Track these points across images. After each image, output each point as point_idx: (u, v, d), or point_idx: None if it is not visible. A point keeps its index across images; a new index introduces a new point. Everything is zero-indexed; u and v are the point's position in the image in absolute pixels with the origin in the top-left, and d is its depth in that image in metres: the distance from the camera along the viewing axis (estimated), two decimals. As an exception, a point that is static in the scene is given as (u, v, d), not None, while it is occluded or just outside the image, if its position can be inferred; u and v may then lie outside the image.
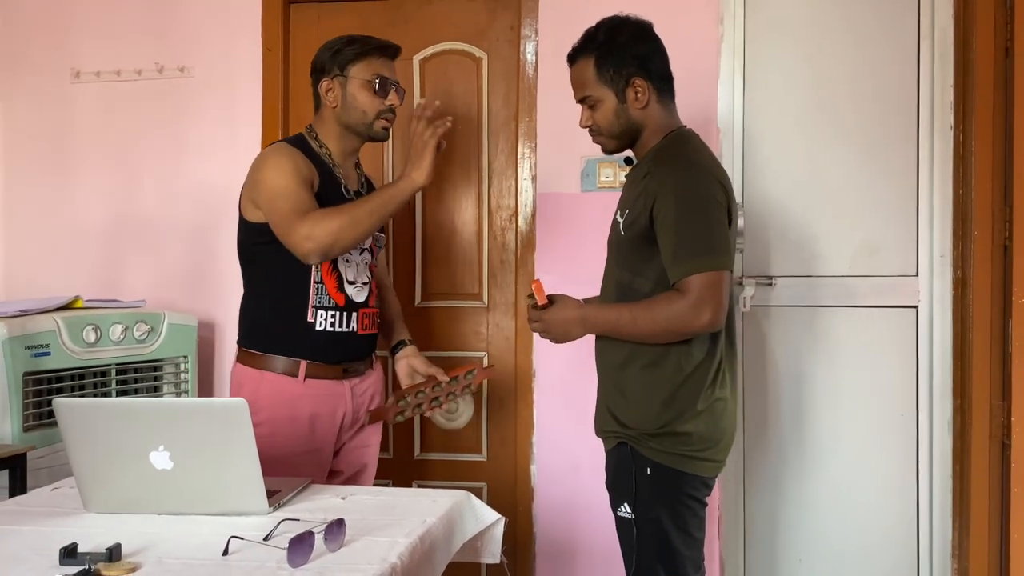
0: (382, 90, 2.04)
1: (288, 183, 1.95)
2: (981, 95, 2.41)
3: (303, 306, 2.02)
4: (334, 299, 2.04)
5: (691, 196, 1.71)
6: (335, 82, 2.05)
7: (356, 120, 2.06)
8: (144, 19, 2.96)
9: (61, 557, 1.30)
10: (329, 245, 1.90)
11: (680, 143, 1.81)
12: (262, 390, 2.01)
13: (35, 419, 2.36)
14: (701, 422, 1.76)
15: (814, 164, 2.61)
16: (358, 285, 2.08)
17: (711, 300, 1.66)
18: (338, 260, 2.04)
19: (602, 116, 1.84)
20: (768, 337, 2.65)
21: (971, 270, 2.45)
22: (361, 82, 2.04)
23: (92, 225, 3.00)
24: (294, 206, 1.92)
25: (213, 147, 2.92)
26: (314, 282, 2.02)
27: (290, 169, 1.97)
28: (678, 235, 1.69)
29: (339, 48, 2.06)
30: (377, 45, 2.07)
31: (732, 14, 2.61)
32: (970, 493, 2.45)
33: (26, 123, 3.04)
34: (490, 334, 2.83)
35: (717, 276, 1.67)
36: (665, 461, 1.75)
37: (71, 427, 1.52)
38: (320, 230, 1.88)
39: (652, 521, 1.77)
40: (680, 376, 1.75)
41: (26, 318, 2.37)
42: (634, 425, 1.78)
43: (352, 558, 1.34)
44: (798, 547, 2.65)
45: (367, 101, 2.04)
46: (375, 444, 2.23)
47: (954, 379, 2.52)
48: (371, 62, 2.04)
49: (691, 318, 1.67)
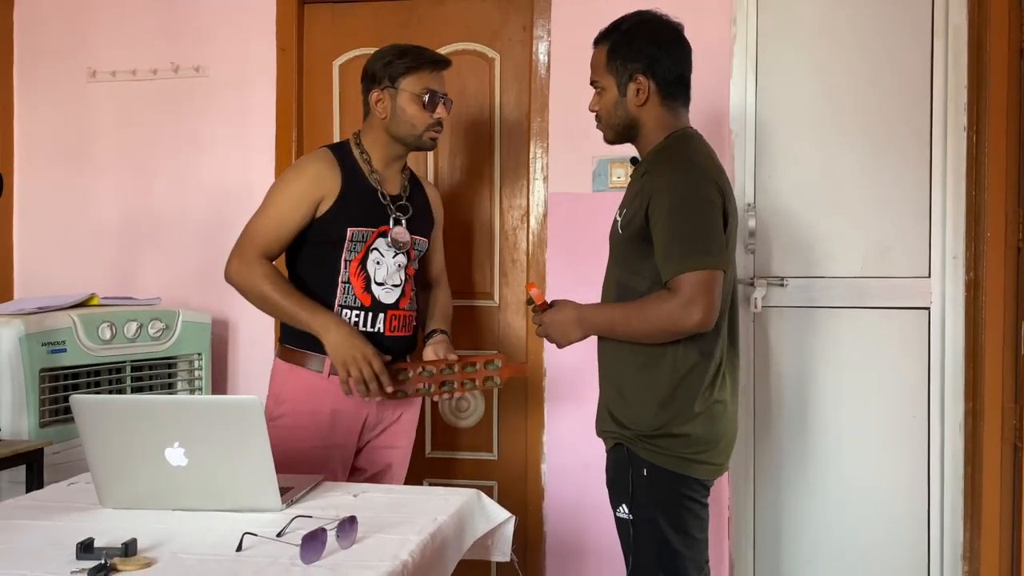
0: (431, 104, 2.07)
1: (278, 207, 2.05)
2: (995, 96, 2.40)
3: (330, 304, 2.06)
4: (360, 299, 2.07)
5: (685, 195, 1.70)
6: (385, 93, 2.08)
7: (405, 132, 2.10)
8: (160, 19, 2.98)
9: (78, 551, 1.32)
10: (238, 288, 2.06)
11: (679, 143, 1.80)
12: (288, 384, 2.08)
13: (51, 415, 2.38)
14: (698, 424, 1.75)
15: (826, 164, 2.61)
16: (387, 287, 2.10)
17: (701, 299, 1.65)
18: (367, 260, 2.08)
19: (604, 104, 1.86)
20: (779, 338, 2.64)
21: (984, 272, 2.44)
22: (411, 95, 2.07)
23: (108, 223, 3.02)
24: (258, 231, 2.05)
25: (227, 146, 2.94)
26: (342, 281, 2.07)
27: (293, 192, 2.06)
28: (671, 234, 1.68)
29: (391, 60, 2.08)
30: (429, 59, 2.09)
31: (745, 15, 2.61)
32: (982, 495, 2.44)
33: (42, 122, 3.07)
34: (501, 333, 2.84)
35: (709, 275, 1.66)
36: (662, 463, 1.74)
37: (88, 423, 1.54)
38: (240, 276, 2.04)
39: (649, 522, 1.76)
40: (676, 377, 1.74)
41: (43, 315, 2.40)
42: (631, 426, 1.78)
43: (364, 555, 1.36)
44: (808, 548, 2.64)
45: (416, 114, 2.07)
46: (404, 447, 2.23)
47: (966, 381, 2.51)
48: (422, 76, 2.07)
49: (681, 317, 1.66)
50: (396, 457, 2.22)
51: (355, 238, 2.06)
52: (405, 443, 2.23)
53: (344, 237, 2.06)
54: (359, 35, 2.88)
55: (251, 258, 2.03)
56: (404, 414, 2.20)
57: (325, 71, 2.91)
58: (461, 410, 2.88)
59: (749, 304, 2.59)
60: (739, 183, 2.61)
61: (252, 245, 2.04)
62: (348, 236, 2.06)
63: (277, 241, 2.06)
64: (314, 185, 2.06)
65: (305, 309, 2.00)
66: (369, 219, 2.08)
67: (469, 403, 2.87)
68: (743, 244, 2.59)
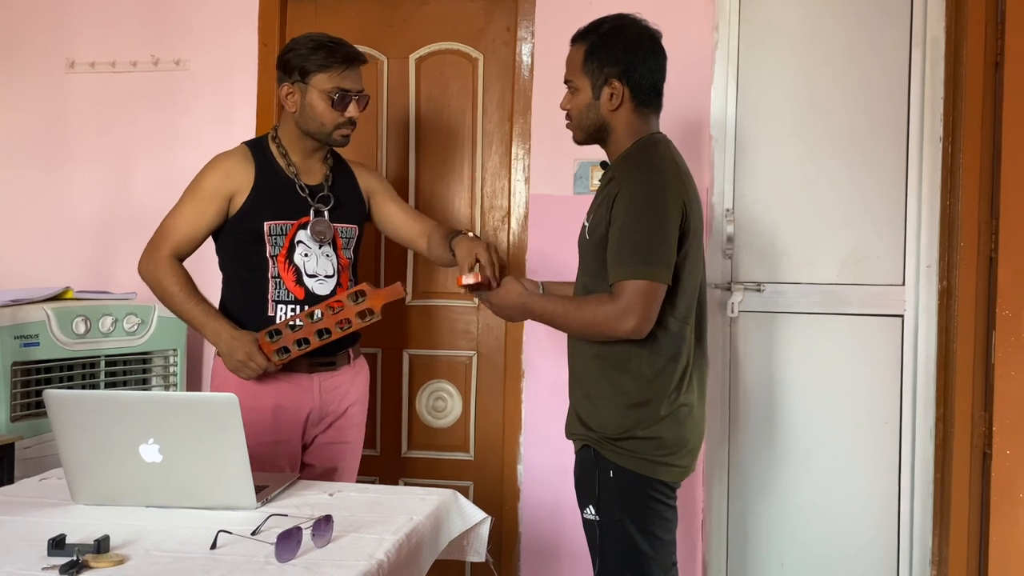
0: (341, 104, 2.05)
1: (189, 204, 2.08)
2: (971, 107, 2.44)
3: (263, 300, 2.07)
4: (293, 293, 2.08)
5: (642, 203, 1.71)
6: (295, 87, 2.07)
7: (314, 128, 2.08)
8: (140, 11, 2.95)
9: (49, 548, 1.31)
10: (146, 283, 2.09)
11: (645, 150, 1.80)
12: (229, 379, 2.06)
13: (23, 409, 2.36)
14: (664, 427, 1.75)
15: (805, 172, 2.63)
16: (320, 278, 2.10)
17: (637, 308, 1.67)
18: (294, 253, 2.07)
19: (576, 105, 1.86)
20: (755, 343, 2.67)
21: (956, 281, 2.48)
22: (320, 92, 2.05)
23: (84, 216, 2.99)
24: (169, 228, 2.08)
25: (207, 141, 2.88)
26: (271, 276, 2.07)
27: (203, 189, 2.08)
28: (622, 241, 1.70)
29: (304, 53, 2.05)
30: (342, 56, 2.06)
31: (727, 22, 2.63)
32: (951, 501, 2.48)
33: (19, 113, 3.03)
34: (480, 333, 2.85)
35: (649, 286, 1.67)
36: (627, 465, 1.76)
37: (61, 418, 1.53)
38: (146, 272, 2.07)
39: (615, 523, 1.77)
40: (643, 381, 1.75)
41: (16, 308, 2.37)
42: (597, 428, 1.79)
43: (339, 554, 1.36)
44: (781, 551, 2.67)
45: (325, 113, 2.06)
46: (354, 441, 2.23)
47: (937, 388, 2.55)
48: (333, 74, 2.04)
49: (615, 323, 1.68)
50: (347, 452, 2.21)
51: (274, 231, 2.06)
52: (354, 438, 2.23)
53: (262, 231, 2.06)
54: (342, 32, 2.82)
55: (159, 256, 2.06)
56: (350, 408, 2.19)
57: (307, 67, 2.90)
58: (438, 410, 2.88)
59: (726, 309, 2.61)
60: (718, 189, 2.63)
61: (162, 242, 2.07)
62: (266, 230, 2.06)
63: (187, 239, 2.08)
64: (223, 180, 2.07)
65: (201, 313, 2.04)
66: (286, 212, 2.08)
67: (446, 403, 2.87)
68: (721, 250, 2.61)
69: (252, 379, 2.02)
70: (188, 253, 2.11)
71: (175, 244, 2.07)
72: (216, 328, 2.03)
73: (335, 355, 2.13)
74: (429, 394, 2.88)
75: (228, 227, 2.09)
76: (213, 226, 2.08)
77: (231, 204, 2.07)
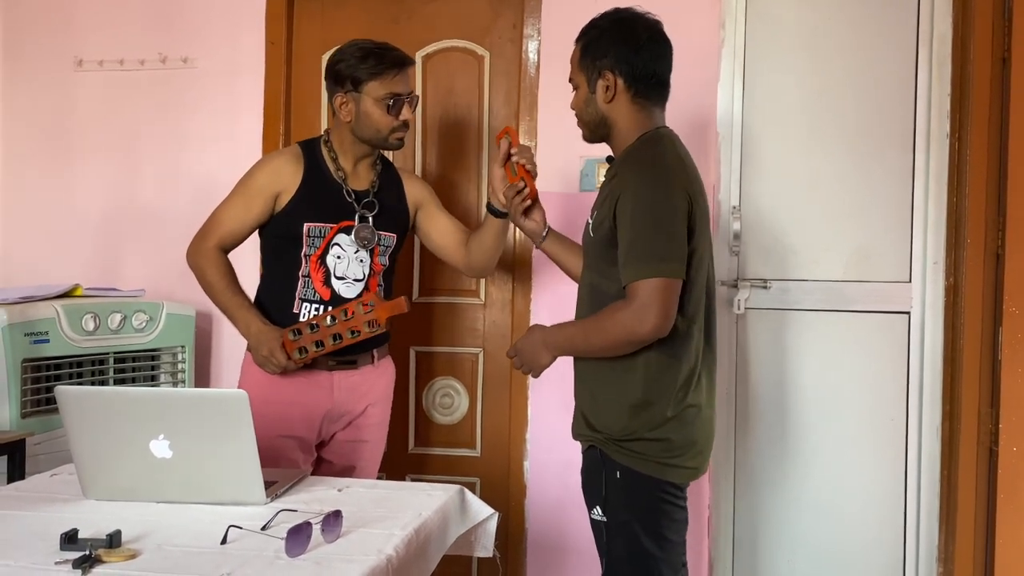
0: (395, 109, 2.09)
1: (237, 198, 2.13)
2: (978, 104, 2.44)
3: (291, 298, 2.11)
4: (319, 293, 2.11)
5: (649, 201, 1.68)
6: (349, 97, 2.09)
7: (370, 135, 2.12)
8: (148, 9, 2.96)
9: (62, 542, 1.32)
10: (192, 270, 2.15)
11: (649, 145, 1.77)
12: (251, 375, 2.12)
13: (33, 405, 2.37)
14: (670, 429, 1.73)
15: (811, 169, 2.63)
16: (348, 281, 2.12)
17: (655, 306, 1.63)
18: (327, 255, 2.10)
19: (576, 101, 1.86)
20: (761, 340, 2.67)
21: (963, 277, 2.47)
22: (375, 101, 2.08)
23: (93, 214, 3.01)
24: (219, 220, 2.14)
25: (215, 139, 2.93)
26: (301, 275, 2.11)
27: (252, 186, 2.12)
28: (631, 240, 1.67)
29: (353, 63, 2.07)
30: (391, 62, 2.08)
31: (733, 19, 2.63)
32: (957, 498, 2.48)
33: (28, 111, 3.05)
34: (486, 331, 2.85)
35: (665, 283, 1.64)
36: (634, 466, 1.73)
37: (73, 414, 1.54)
38: (193, 259, 2.14)
39: (622, 524, 1.75)
40: (648, 381, 1.72)
41: (26, 305, 2.39)
42: (603, 429, 1.77)
43: (349, 549, 1.36)
44: (787, 549, 2.67)
45: (381, 119, 2.09)
46: (373, 440, 2.24)
47: (944, 385, 2.55)
48: (385, 80, 2.07)
49: (635, 325, 1.64)
50: (365, 451, 2.23)
51: (312, 233, 2.09)
52: (373, 436, 2.24)
53: (301, 232, 2.09)
54: (349, 29, 2.86)
55: (205, 246, 2.13)
56: (370, 407, 2.20)
57: (314, 65, 2.90)
58: (445, 407, 2.89)
59: (732, 306, 2.62)
60: (724, 186, 2.63)
61: (209, 233, 2.14)
62: (305, 231, 2.09)
63: (232, 232, 2.13)
64: (271, 178, 2.11)
65: (235, 306, 2.09)
66: (328, 215, 2.11)
67: (453, 400, 2.88)
68: (727, 246, 2.61)
69: (276, 375, 2.07)
70: (233, 246, 2.16)
71: (221, 236, 2.13)
72: (247, 321, 2.07)
73: (357, 355, 2.15)
74: (436, 391, 2.89)
75: (271, 224, 2.13)
76: (258, 222, 2.13)
77: (277, 202, 2.11)
